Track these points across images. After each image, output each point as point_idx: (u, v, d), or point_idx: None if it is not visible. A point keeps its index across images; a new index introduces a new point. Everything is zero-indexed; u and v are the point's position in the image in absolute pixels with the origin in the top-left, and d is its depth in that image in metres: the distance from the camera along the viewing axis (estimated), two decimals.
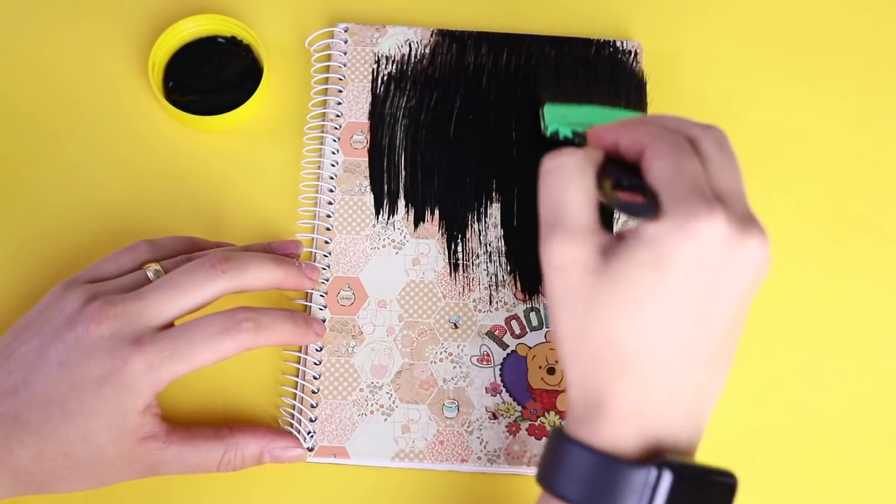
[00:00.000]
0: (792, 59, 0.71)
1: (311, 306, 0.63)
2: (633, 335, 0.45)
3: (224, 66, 0.69)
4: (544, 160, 0.48)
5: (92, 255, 0.63)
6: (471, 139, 0.67)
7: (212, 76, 0.68)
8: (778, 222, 0.66)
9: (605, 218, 0.56)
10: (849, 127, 0.69)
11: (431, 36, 0.69)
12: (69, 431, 0.53)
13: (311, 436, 0.60)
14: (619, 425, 0.46)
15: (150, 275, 0.58)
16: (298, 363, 0.62)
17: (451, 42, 0.69)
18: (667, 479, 0.45)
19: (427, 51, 0.69)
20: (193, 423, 0.59)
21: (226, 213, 0.66)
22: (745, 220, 0.46)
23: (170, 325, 0.56)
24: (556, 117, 0.65)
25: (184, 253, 0.60)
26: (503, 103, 0.68)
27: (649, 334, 0.45)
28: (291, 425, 0.60)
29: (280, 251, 0.62)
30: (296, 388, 0.61)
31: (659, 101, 0.68)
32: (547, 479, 0.47)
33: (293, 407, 0.61)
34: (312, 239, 0.65)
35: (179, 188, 0.66)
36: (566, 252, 0.46)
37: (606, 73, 0.68)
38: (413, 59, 0.69)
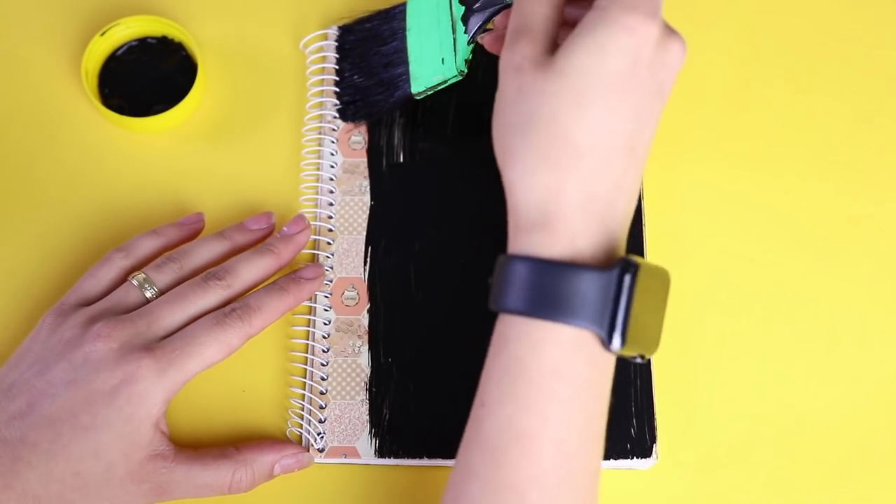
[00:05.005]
0: (791, 58, 0.71)
1: (315, 307, 0.63)
2: (577, 126, 0.47)
3: (158, 67, 0.69)
4: None
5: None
6: (468, 134, 0.67)
7: (147, 77, 0.68)
8: (778, 222, 0.67)
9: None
10: (849, 126, 0.69)
11: None
12: (80, 446, 0.53)
13: (322, 437, 0.60)
14: (573, 224, 0.47)
15: (136, 283, 0.58)
16: (305, 364, 0.62)
17: None
18: (627, 279, 0.46)
19: None
20: (201, 437, 0.60)
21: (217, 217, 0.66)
22: (669, 27, 0.49)
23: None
24: None
25: (155, 252, 0.61)
26: None
27: (593, 126, 0.47)
28: (301, 427, 0.60)
29: (253, 226, 0.63)
30: (304, 390, 0.61)
31: None
32: (513, 301, 0.47)
33: (302, 409, 0.61)
34: (315, 241, 0.65)
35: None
36: (525, 52, 0.49)
37: None
38: None
